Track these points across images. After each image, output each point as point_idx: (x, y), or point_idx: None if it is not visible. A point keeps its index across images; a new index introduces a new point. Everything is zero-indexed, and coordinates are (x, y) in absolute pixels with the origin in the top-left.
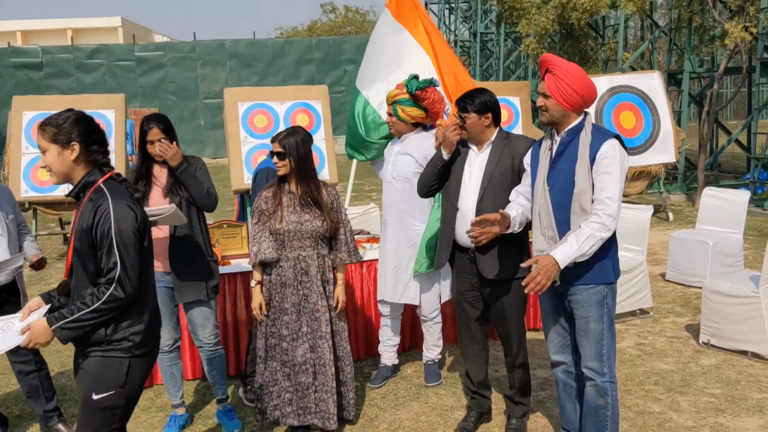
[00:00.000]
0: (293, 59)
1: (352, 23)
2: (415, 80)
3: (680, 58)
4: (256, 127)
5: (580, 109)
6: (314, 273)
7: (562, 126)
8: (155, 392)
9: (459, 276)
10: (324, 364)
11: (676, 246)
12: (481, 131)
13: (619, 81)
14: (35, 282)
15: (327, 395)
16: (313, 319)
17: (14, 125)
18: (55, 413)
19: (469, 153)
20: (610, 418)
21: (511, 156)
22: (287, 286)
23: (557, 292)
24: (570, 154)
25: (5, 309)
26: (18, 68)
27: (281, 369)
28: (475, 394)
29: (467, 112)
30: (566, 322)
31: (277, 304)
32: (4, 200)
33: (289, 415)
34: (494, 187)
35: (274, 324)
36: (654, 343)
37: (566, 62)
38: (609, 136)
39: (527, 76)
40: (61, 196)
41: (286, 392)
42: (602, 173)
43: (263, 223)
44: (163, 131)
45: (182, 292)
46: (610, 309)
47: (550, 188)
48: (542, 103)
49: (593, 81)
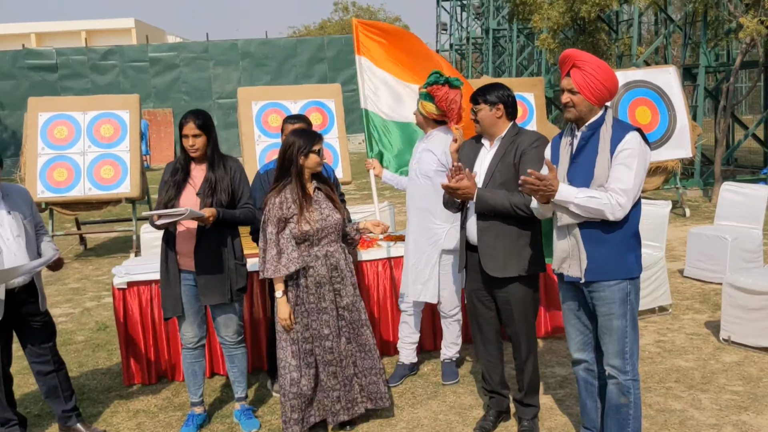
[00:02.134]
0: (305, 58)
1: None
2: (434, 75)
3: (695, 52)
4: (269, 126)
5: (604, 102)
6: (344, 266)
7: (583, 121)
8: (173, 391)
9: (470, 275)
10: (369, 350)
11: (695, 242)
12: (492, 123)
13: (634, 76)
14: (52, 282)
15: (377, 377)
16: (351, 310)
17: (30, 126)
18: (73, 413)
19: (481, 150)
20: (632, 417)
21: (514, 151)
22: (322, 285)
23: (579, 288)
24: (590, 149)
25: (23, 309)
26: (33, 70)
27: (325, 369)
28: (492, 393)
29: (478, 104)
30: (588, 319)
31: (314, 306)
32: (21, 201)
33: (339, 413)
34: (495, 183)
35: (308, 328)
36: (674, 340)
37: (593, 57)
38: (630, 129)
39: (540, 72)
40: (76, 196)
41: (333, 391)
42: (619, 164)
43: (282, 229)
44: (198, 126)
45: (206, 294)
46: (633, 306)
47: (571, 184)
48: (568, 99)
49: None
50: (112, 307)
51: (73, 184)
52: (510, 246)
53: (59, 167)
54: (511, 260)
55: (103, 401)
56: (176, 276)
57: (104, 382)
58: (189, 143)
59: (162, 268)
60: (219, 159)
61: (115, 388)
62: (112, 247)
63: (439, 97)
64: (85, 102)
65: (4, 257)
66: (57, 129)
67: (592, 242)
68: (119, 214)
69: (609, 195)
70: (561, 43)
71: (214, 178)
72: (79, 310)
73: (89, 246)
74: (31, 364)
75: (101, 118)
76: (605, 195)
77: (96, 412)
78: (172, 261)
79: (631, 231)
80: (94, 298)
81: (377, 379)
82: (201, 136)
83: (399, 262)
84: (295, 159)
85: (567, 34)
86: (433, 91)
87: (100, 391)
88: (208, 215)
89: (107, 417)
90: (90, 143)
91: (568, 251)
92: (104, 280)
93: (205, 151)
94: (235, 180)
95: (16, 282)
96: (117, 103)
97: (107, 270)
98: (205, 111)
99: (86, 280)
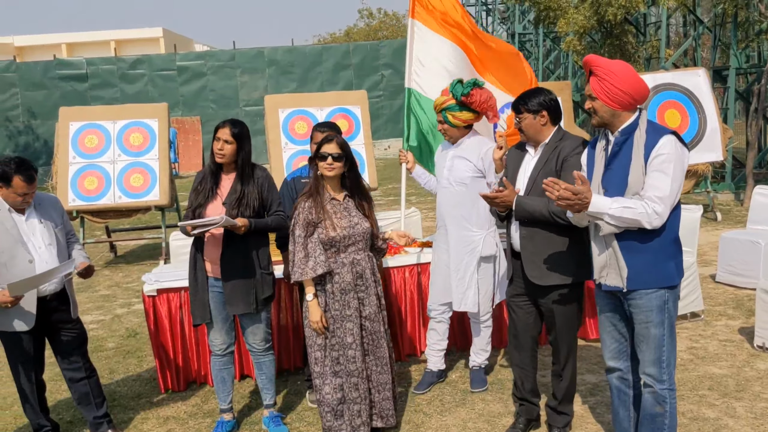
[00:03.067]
0: (331, 65)
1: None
2: (459, 85)
3: (725, 54)
4: (296, 133)
5: (630, 107)
6: (369, 275)
7: (614, 126)
8: (202, 398)
9: (512, 281)
10: (385, 363)
11: (727, 246)
12: (537, 131)
13: (663, 79)
14: (83, 289)
15: (389, 393)
16: (373, 320)
17: (62, 135)
18: (105, 419)
19: (525, 156)
20: (667, 426)
21: (556, 157)
22: (347, 292)
23: (616, 296)
24: (624, 155)
25: (55, 317)
26: (64, 80)
27: (348, 380)
28: (523, 401)
29: (521, 113)
30: (624, 327)
31: (338, 313)
32: (53, 210)
33: (359, 428)
34: (537, 190)
35: (335, 335)
36: (706, 347)
37: (608, 61)
38: (665, 133)
39: (567, 75)
40: (107, 204)
41: (354, 404)
42: (654, 170)
43: (311, 234)
44: (233, 134)
45: (232, 303)
46: (671, 314)
47: (605, 191)
48: (590, 105)
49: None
50: (141, 314)
51: (104, 192)
52: (552, 253)
53: (90, 176)
54: (553, 268)
55: (133, 408)
56: (204, 283)
57: (135, 388)
58: (218, 146)
59: (190, 275)
60: (250, 172)
61: (145, 394)
62: (142, 254)
63: (477, 102)
64: (114, 111)
65: (36, 265)
66: (87, 138)
67: (630, 251)
68: (148, 221)
69: (645, 204)
70: (588, 46)
71: (242, 190)
72: (110, 317)
73: (119, 253)
74: (63, 371)
75: (131, 126)
76: (641, 204)
77: (127, 419)
78: (200, 268)
79: (670, 238)
80: (124, 305)
81: (389, 395)
82: (232, 143)
83: (426, 268)
84: (316, 164)
85: (594, 37)
86: (467, 101)
87: (131, 397)
88: (240, 224)
89: (138, 423)
90: (120, 152)
91: (606, 260)
92: (134, 287)
93: (233, 160)
94: (263, 189)
95: (48, 290)
96: (146, 112)
97: (137, 277)
98: (244, 122)
99: (116, 287)
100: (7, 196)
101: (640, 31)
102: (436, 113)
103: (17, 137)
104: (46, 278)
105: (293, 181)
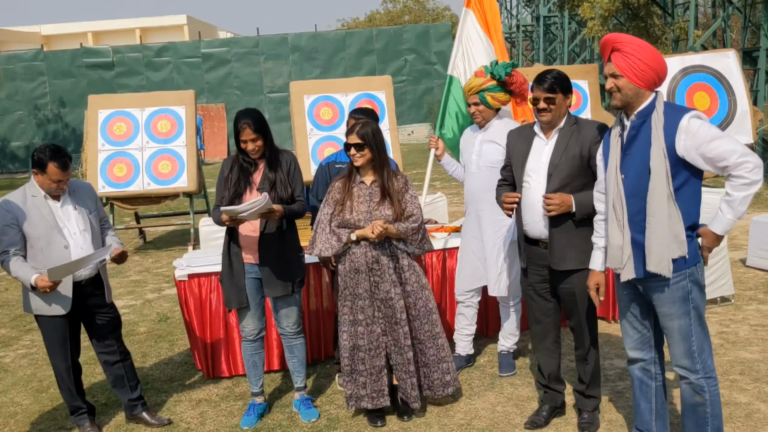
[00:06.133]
0: (354, 51)
1: (411, 11)
2: (500, 65)
3: (755, 35)
4: (321, 119)
5: (653, 86)
6: (386, 262)
7: (632, 108)
8: (234, 381)
9: (530, 268)
10: (400, 347)
11: (758, 230)
12: (562, 114)
13: (692, 61)
14: (114, 275)
15: (406, 375)
16: (387, 306)
17: (91, 123)
18: (139, 402)
19: (534, 141)
20: (710, 415)
21: (579, 143)
22: (360, 272)
23: (635, 286)
24: (642, 139)
25: (90, 301)
26: (91, 68)
27: (357, 354)
28: (547, 388)
29: (555, 92)
30: (646, 317)
31: (352, 290)
32: (86, 196)
33: (363, 398)
34: (560, 176)
35: (352, 311)
36: (737, 332)
37: (632, 37)
38: (684, 111)
39: (593, 58)
40: (136, 191)
41: (360, 375)
42: (706, 144)
43: (338, 213)
44: (255, 131)
45: (270, 286)
46: (698, 303)
47: (624, 177)
48: (612, 84)
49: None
50: (171, 299)
51: (133, 179)
52: (574, 238)
53: (119, 163)
54: (577, 252)
55: (166, 391)
56: (240, 268)
57: (167, 372)
58: (249, 148)
59: (224, 261)
60: (276, 156)
61: (177, 377)
62: (171, 240)
63: (518, 83)
64: (142, 99)
65: (71, 251)
66: (116, 125)
67: (645, 235)
68: (176, 207)
69: (740, 181)
70: (613, 29)
71: (274, 177)
72: (141, 301)
73: (148, 239)
74: (98, 355)
75: (158, 114)
76: (737, 188)
77: (160, 401)
78: (235, 254)
79: (687, 224)
80: (154, 290)
81: (406, 377)
82: (259, 139)
83: (453, 253)
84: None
85: (619, 20)
86: (509, 80)
87: (164, 380)
88: (276, 210)
89: (171, 406)
90: (148, 139)
91: (622, 246)
92: (164, 273)
93: (264, 151)
94: (291, 173)
95: (83, 275)
96: (173, 99)
97: (166, 263)
98: (256, 109)
99: (146, 273)
100: (42, 183)
101: (668, 12)
102: (467, 96)
103: (46, 125)
104: (83, 263)
105: (328, 165)
